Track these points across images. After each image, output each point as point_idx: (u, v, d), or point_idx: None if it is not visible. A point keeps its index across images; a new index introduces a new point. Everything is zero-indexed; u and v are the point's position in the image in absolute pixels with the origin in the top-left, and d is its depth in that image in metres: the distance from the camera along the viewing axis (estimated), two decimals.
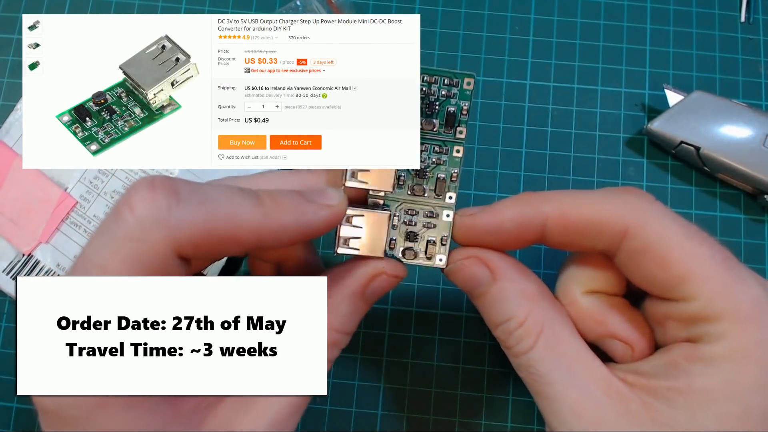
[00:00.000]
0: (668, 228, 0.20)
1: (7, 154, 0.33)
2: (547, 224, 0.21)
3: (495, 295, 0.21)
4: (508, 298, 0.21)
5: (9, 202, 0.32)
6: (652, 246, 0.20)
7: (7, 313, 0.33)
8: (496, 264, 0.22)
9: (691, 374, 0.19)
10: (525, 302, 0.21)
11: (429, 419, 0.31)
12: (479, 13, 0.37)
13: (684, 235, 0.20)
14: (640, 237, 0.20)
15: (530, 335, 0.20)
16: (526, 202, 0.22)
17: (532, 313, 0.21)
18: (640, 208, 0.20)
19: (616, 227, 0.20)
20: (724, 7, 0.37)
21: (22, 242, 0.32)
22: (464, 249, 0.23)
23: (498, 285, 0.21)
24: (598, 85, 0.36)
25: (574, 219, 0.21)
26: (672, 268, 0.19)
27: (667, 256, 0.19)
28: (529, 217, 0.21)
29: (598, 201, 0.21)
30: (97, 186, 0.33)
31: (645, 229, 0.20)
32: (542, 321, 0.21)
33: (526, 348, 0.20)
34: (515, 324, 0.21)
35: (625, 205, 0.20)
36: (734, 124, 0.32)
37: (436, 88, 0.23)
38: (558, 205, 0.21)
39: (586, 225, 0.21)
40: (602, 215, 0.20)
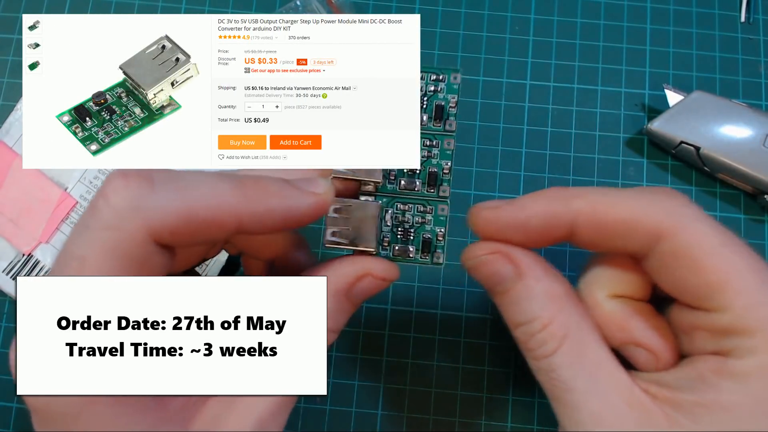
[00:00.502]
0: (705, 233, 0.19)
1: (7, 154, 0.33)
2: (577, 222, 0.20)
3: (519, 293, 0.20)
4: (533, 297, 0.20)
5: (9, 202, 0.32)
6: (687, 251, 0.19)
7: (7, 313, 0.33)
8: (521, 261, 0.20)
9: (718, 389, 0.18)
10: (551, 303, 0.20)
11: (429, 419, 0.31)
12: (479, 13, 0.37)
13: (721, 242, 0.19)
14: (675, 240, 0.19)
15: (554, 339, 0.19)
16: (555, 197, 0.21)
17: (558, 316, 0.20)
18: (676, 210, 0.19)
19: (650, 229, 0.19)
20: (724, 7, 0.37)
21: (22, 242, 0.32)
22: (487, 243, 0.21)
23: (523, 283, 0.20)
24: (598, 85, 0.36)
25: (607, 217, 0.20)
26: (707, 276, 0.18)
27: (702, 262, 0.18)
28: (558, 213, 0.20)
29: (632, 200, 0.20)
30: (97, 186, 0.33)
31: (681, 232, 0.19)
32: (568, 324, 0.20)
33: (549, 352, 0.19)
34: (539, 326, 0.20)
35: (661, 206, 0.19)
36: (734, 124, 0.32)
37: (423, 84, 0.23)
38: (590, 202, 0.20)
39: (619, 224, 0.20)
40: (636, 215, 0.19)
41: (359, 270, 0.21)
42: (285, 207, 0.19)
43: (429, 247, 0.23)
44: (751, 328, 0.18)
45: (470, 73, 0.36)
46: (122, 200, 0.17)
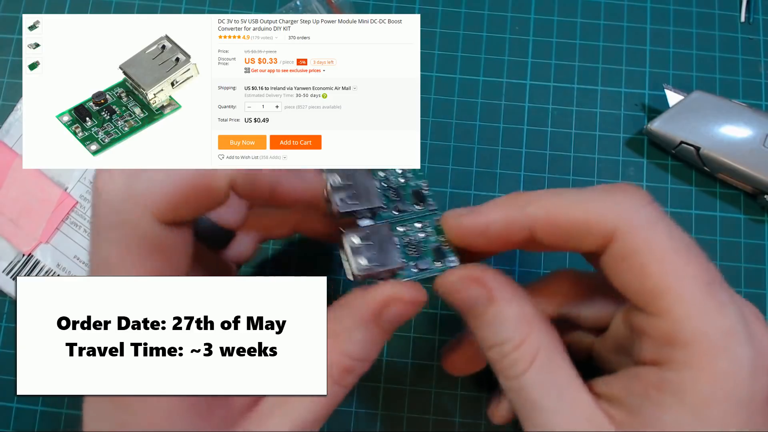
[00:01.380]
0: (655, 237, 0.19)
1: (7, 154, 0.33)
2: (533, 226, 0.21)
3: (492, 317, 0.21)
4: (505, 320, 0.21)
5: (9, 202, 0.32)
6: (634, 254, 0.19)
7: (7, 313, 0.33)
8: (492, 285, 0.21)
9: (659, 406, 0.18)
10: (522, 325, 0.20)
11: (429, 419, 0.31)
12: (479, 13, 0.37)
13: (671, 249, 0.19)
14: (624, 243, 0.19)
15: (525, 359, 0.20)
16: (512, 203, 0.21)
17: (528, 337, 0.20)
18: (631, 210, 0.19)
19: (603, 231, 0.19)
20: (724, 7, 0.37)
21: (22, 242, 0.32)
22: (459, 269, 0.22)
23: (495, 307, 0.21)
24: (598, 85, 0.36)
25: (561, 221, 0.20)
26: (648, 280, 0.19)
27: (646, 266, 0.19)
28: (515, 219, 0.21)
29: (586, 201, 0.20)
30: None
31: (630, 235, 0.19)
32: (538, 345, 0.20)
33: (519, 372, 0.20)
34: (511, 347, 0.20)
35: (615, 208, 0.20)
36: (734, 124, 0.32)
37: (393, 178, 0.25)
38: (544, 207, 0.20)
39: (572, 227, 0.20)
40: (589, 217, 0.20)
41: (387, 294, 0.21)
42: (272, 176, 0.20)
43: (441, 255, 0.24)
44: (686, 339, 0.18)
45: (470, 73, 0.36)
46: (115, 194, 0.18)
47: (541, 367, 0.20)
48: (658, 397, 0.18)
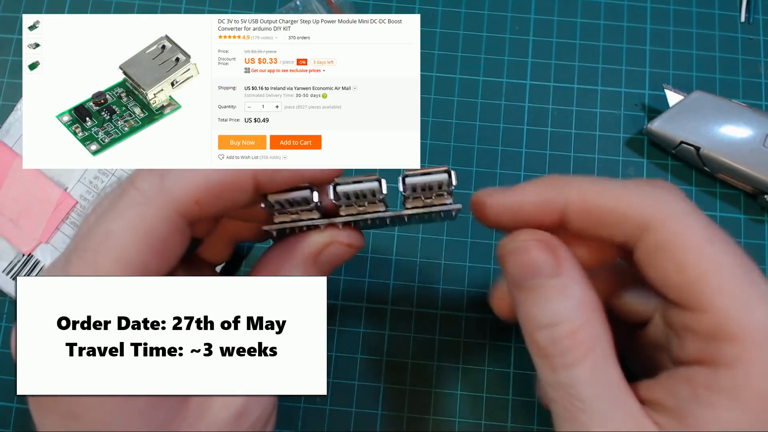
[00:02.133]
0: (690, 228, 0.18)
1: (7, 154, 0.33)
2: (567, 209, 0.20)
3: (553, 290, 0.19)
4: (566, 298, 0.19)
5: (9, 202, 0.32)
6: (670, 244, 0.18)
7: (7, 313, 0.33)
8: (563, 256, 0.19)
9: (713, 407, 0.17)
10: (583, 310, 0.19)
11: (429, 419, 0.31)
12: (479, 13, 0.37)
13: (706, 239, 0.18)
14: (660, 233, 0.18)
15: (579, 349, 0.18)
16: (549, 184, 0.21)
17: (587, 325, 0.18)
18: (665, 203, 0.19)
19: (637, 220, 0.19)
20: (724, 7, 0.37)
21: (22, 242, 0.32)
22: (529, 230, 0.21)
23: (559, 280, 0.19)
24: (598, 85, 0.36)
25: (595, 207, 0.19)
26: (687, 272, 0.18)
27: (683, 257, 0.18)
28: (550, 200, 0.20)
29: (622, 191, 0.19)
30: (97, 186, 0.33)
31: (666, 225, 0.18)
32: (597, 336, 0.18)
33: (571, 362, 0.18)
34: (565, 331, 0.18)
35: (650, 199, 0.19)
36: (734, 124, 0.32)
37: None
38: (581, 191, 0.20)
39: (607, 214, 0.19)
40: (624, 206, 0.19)
41: (326, 238, 0.22)
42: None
43: None
44: (734, 334, 0.17)
45: (470, 73, 0.36)
46: (149, 184, 0.18)
47: (596, 363, 0.18)
48: (710, 397, 0.17)
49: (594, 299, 0.19)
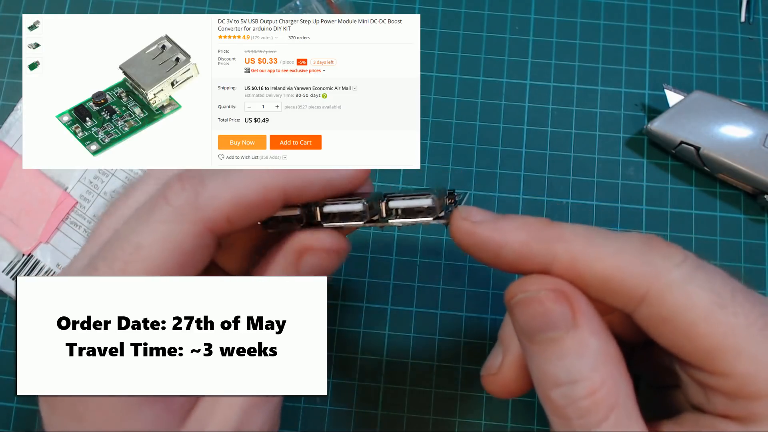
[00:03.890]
0: (695, 295, 0.17)
1: (7, 154, 0.33)
2: (552, 266, 0.18)
3: (571, 346, 0.17)
4: (585, 354, 0.17)
5: (9, 202, 0.32)
6: (675, 316, 0.17)
7: (7, 313, 0.33)
8: (580, 306, 0.18)
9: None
10: (604, 365, 0.17)
11: (429, 419, 0.31)
12: (479, 13, 0.37)
13: (716, 304, 0.17)
14: (661, 307, 0.17)
15: (601, 408, 0.16)
16: (537, 232, 0.18)
17: (609, 381, 0.17)
18: (663, 270, 0.17)
19: (633, 292, 0.17)
20: (724, 7, 0.37)
21: (22, 242, 0.32)
22: (544, 277, 0.18)
23: (576, 334, 0.17)
24: (598, 85, 0.36)
25: (586, 272, 0.18)
26: (700, 341, 0.17)
27: (693, 327, 0.17)
28: (535, 252, 0.18)
29: (616, 255, 0.18)
30: (97, 186, 0.33)
31: (666, 297, 0.17)
32: (617, 393, 0.17)
33: (593, 424, 0.16)
34: (585, 390, 0.17)
35: (647, 267, 0.17)
36: (734, 124, 0.32)
37: None
38: (571, 250, 0.18)
39: (598, 282, 0.18)
40: (618, 274, 0.17)
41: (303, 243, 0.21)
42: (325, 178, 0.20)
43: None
44: (759, 392, 0.16)
45: (470, 73, 0.36)
46: (181, 200, 0.18)
47: (619, 422, 0.16)
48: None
49: (614, 351, 0.18)
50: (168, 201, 0.18)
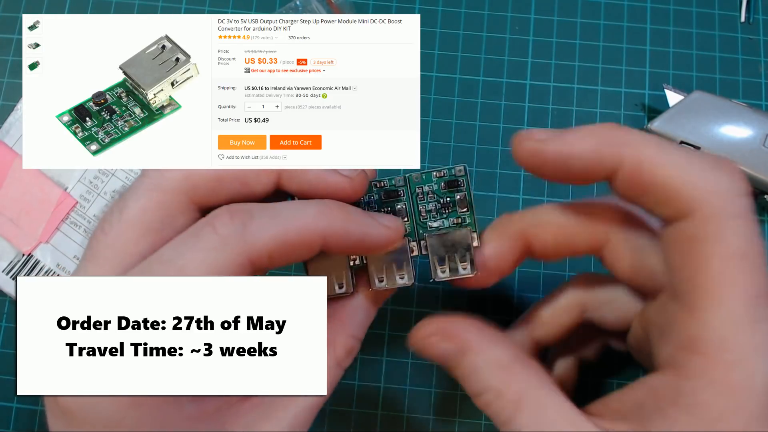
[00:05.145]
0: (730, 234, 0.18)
1: (7, 154, 0.33)
2: (618, 170, 0.19)
3: (467, 368, 0.21)
4: (480, 370, 0.21)
5: (9, 202, 0.32)
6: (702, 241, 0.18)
7: (7, 313, 0.33)
8: (462, 337, 0.21)
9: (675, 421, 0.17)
10: (499, 373, 0.20)
11: (429, 419, 0.31)
12: (479, 13, 0.37)
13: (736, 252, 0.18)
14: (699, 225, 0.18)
15: (509, 406, 0.20)
16: (605, 137, 0.19)
17: (508, 383, 0.20)
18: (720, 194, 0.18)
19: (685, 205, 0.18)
20: (724, 7, 0.37)
21: (22, 242, 0.32)
22: (429, 323, 0.22)
23: (467, 358, 0.21)
24: (598, 85, 0.36)
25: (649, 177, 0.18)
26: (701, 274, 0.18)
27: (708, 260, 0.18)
28: (603, 158, 0.19)
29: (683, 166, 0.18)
30: (97, 186, 0.33)
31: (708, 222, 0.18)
32: (520, 390, 0.20)
33: (507, 418, 0.19)
34: (492, 396, 0.20)
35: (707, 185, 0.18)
36: (734, 124, 0.32)
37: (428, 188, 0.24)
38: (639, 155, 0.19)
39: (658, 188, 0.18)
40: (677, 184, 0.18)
41: None
42: (362, 232, 0.21)
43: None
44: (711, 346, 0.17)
45: (470, 73, 0.36)
46: (229, 230, 0.19)
47: (529, 412, 0.19)
48: (670, 410, 0.18)
49: (509, 354, 0.21)
50: (215, 230, 0.19)
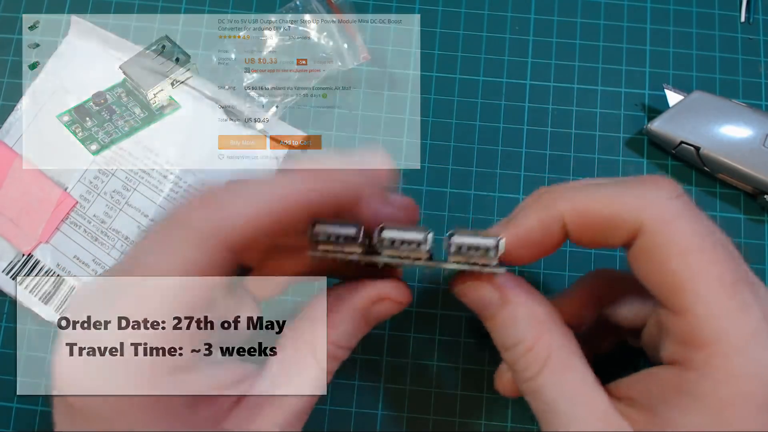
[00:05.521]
0: (680, 232, 0.19)
1: (7, 154, 0.33)
2: (566, 222, 0.20)
3: (504, 318, 0.21)
4: (517, 322, 0.21)
5: (9, 202, 0.32)
6: (656, 248, 0.19)
7: (7, 313, 0.33)
8: (505, 286, 0.21)
9: (679, 408, 0.18)
10: (534, 327, 0.21)
11: (429, 419, 0.31)
12: (479, 13, 0.37)
13: (696, 246, 0.18)
14: (648, 236, 0.19)
15: (538, 361, 0.20)
16: (543, 204, 0.21)
17: (541, 339, 0.20)
18: (657, 204, 0.19)
19: (631, 225, 0.19)
20: (724, 7, 0.37)
21: (22, 242, 0.32)
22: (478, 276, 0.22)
23: (507, 308, 0.21)
24: (598, 85, 0.36)
25: (590, 217, 0.20)
26: (669, 277, 0.19)
27: (667, 262, 0.18)
28: (549, 220, 0.21)
29: (614, 196, 0.20)
30: (97, 186, 0.33)
31: (655, 228, 0.19)
32: (550, 347, 0.20)
33: (533, 374, 0.20)
34: (524, 349, 0.20)
35: (642, 201, 0.19)
36: (734, 124, 0.32)
37: None
38: (573, 203, 0.20)
39: (602, 222, 0.20)
40: (616, 211, 0.19)
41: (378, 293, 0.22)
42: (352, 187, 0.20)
43: None
44: (706, 340, 0.18)
45: (470, 73, 0.36)
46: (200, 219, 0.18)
47: (555, 369, 0.20)
48: (677, 398, 0.18)
49: (546, 312, 0.21)
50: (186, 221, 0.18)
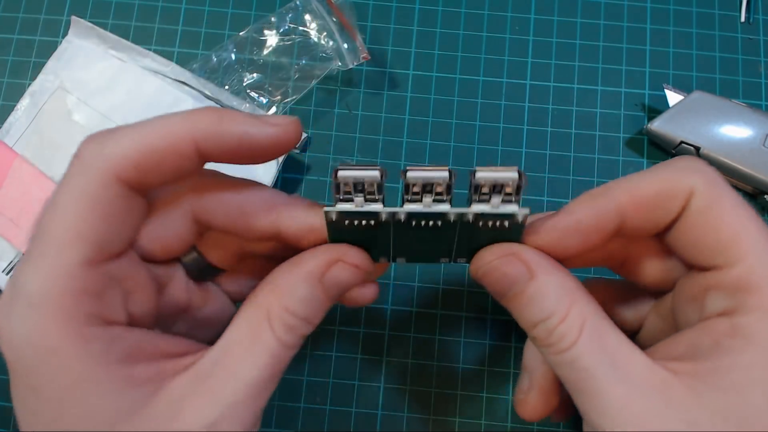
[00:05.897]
0: (725, 193, 0.20)
1: (7, 154, 0.33)
2: (620, 209, 0.21)
3: (534, 292, 0.20)
4: (548, 293, 0.20)
5: (9, 202, 0.32)
6: (711, 206, 0.20)
7: None
8: (531, 259, 0.21)
9: (732, 350, 0.18)
10: (566, 296, 0.20)
11: (429, 419, 0.31)
12: (479, 13, 0.37)
13: (738, 204, 0.20)
14: (702, 197, 0.20)
15: (573, 329, 0.19)
16: (593, 195, 0.21)
17: (574, 307, 0.20)
18: (702, 172, 0.20)
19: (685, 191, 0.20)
20: (724, 7, 0.37)
21: (22, 242, 0.32)
22: (497, 247, 0.21)
23: (536, 281, 0.20)
24: (598, 85, 0.36)
25: (645, 195, 0.20)
26: (726, 230, 0.19)
27: (723, 217, 0.20)
28: (604, 209, 0.21)
29: (659, 172, 0.21)
30: None
31: (707, 189, 0.20)
32: (584, 314, 0.20)
33: (570, 343, 0.19)
34: (557, 320, 0.20)
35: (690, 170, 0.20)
36: (734, 124, 0.32)
37: None
38: (625, 189, 0.21)
39: (658, 197, 0.20)
40: (670, 184, 0.20)
41: (332, 254, 0.21)
42: (241, 131, 0.19)
43: None
44: (758, 283, 0.19)
45: (470, 73, 0.36)
46: (88, 152, 0.18)
47: (591, 335, 0.19)
48: (729, 342, 0.18)
49: (572, 280, 0.21)
50: (78, 156, 0.19)
